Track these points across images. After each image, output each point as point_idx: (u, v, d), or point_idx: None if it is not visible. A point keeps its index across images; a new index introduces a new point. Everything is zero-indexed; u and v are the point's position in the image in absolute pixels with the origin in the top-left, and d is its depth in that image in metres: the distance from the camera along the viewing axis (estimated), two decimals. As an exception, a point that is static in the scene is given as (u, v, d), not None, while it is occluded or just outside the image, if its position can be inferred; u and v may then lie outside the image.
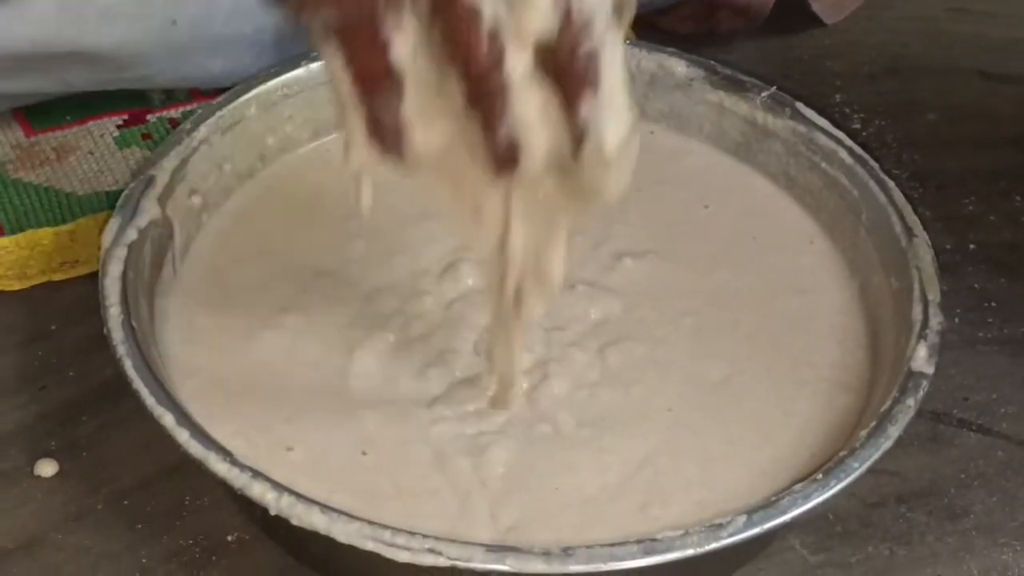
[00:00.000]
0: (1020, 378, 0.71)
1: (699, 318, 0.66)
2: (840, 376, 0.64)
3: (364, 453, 0.60)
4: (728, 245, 0.70)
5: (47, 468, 0.64)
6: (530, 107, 0.50)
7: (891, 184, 0.68)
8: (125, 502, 0.63)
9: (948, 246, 0.77)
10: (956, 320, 0.73)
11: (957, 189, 0.81)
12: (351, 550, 0.53)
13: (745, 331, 0.66)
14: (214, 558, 0.62)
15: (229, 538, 0.62)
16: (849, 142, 0.70)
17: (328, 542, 0.53)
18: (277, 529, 0.58)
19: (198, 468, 0.56)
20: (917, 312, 0.62)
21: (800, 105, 0.72)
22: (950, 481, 0.67)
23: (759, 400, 0.63)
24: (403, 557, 0.53)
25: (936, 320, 0.62)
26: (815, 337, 0.66)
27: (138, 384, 0.58)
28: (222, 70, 0.77)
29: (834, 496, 0.56)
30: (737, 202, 0.72)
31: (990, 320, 0.74)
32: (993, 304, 0.74)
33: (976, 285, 0.75)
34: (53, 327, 0.70)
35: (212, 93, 0.80)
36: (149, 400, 0.57)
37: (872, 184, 0.68)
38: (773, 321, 0.67)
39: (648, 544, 0.54)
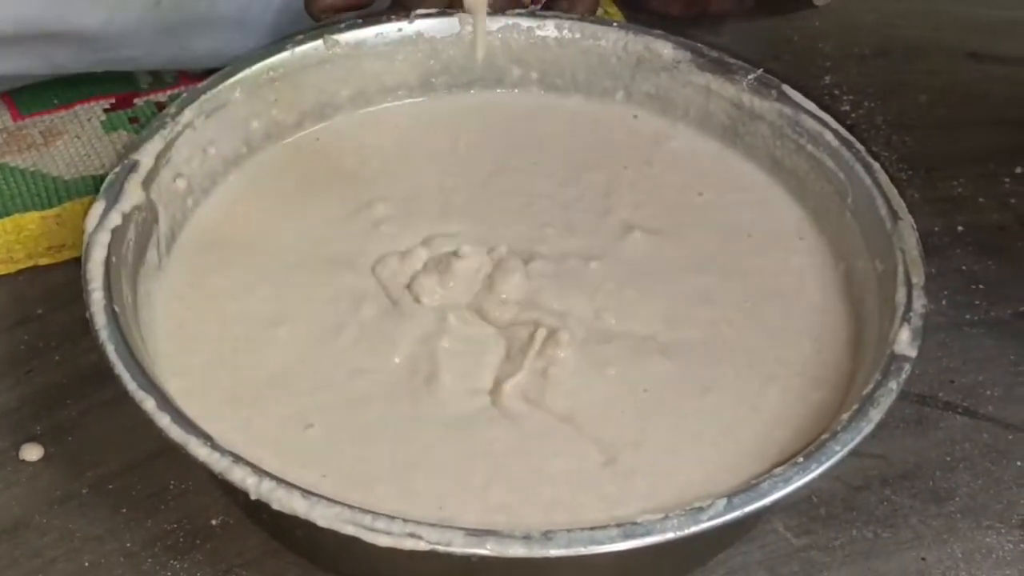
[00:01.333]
0: (1006, 360, 0.71)
1: (666, 307, 0.66)
2: (816, 372, 0.64)
3: (357, 435, 0.61)
4: (720, 239, 0.70)
5: (32, 452, 0.64)
6: None
7: (876, 167, 0.68)
8: (110, 486, 0.64)
9: (936, 228, 0.77)
10: (943, 302, 0.73)
11: (946, 171, 0.81)
12: (332, 534, 0.53)
13: (726, 328, 0.66)
14: (198, 542, 0.62)
15: (213, 522, 0.62)
16: (835, 124, 0.70)
17: (309, 526, 0.54)
18: (260, 513, 0.58)
19: (182, 452, 0.56)
20: (901, 295, 0.62)
21: (786, 87, 0.72)
22: (935, 464, 0.67)
23: (729, 395, 0.63)
24: (384, 541, 0.53)
25: (920, 303, 0.62)
26: (794, 336, 0.65)
27: (120, 369, 0.58)
28: (207, 50, 0.77)
29: (815, 479, 0.56)
30: (729, 193, 0.72)
31: (977, 302, 0.74)
32: (980, 286, 0.74)
33: (964, 267, 0.75)
34: (39, 311, 0.71)
35: (199, 76, 0.80)
36: (131, 385, 0.57)
37: (858, 167, 0.68)
38: (750, 318, 0.66)
39: (628, 528, 0.54)
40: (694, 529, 0.54)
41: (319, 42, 0.73)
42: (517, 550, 0.53)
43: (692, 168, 0.73)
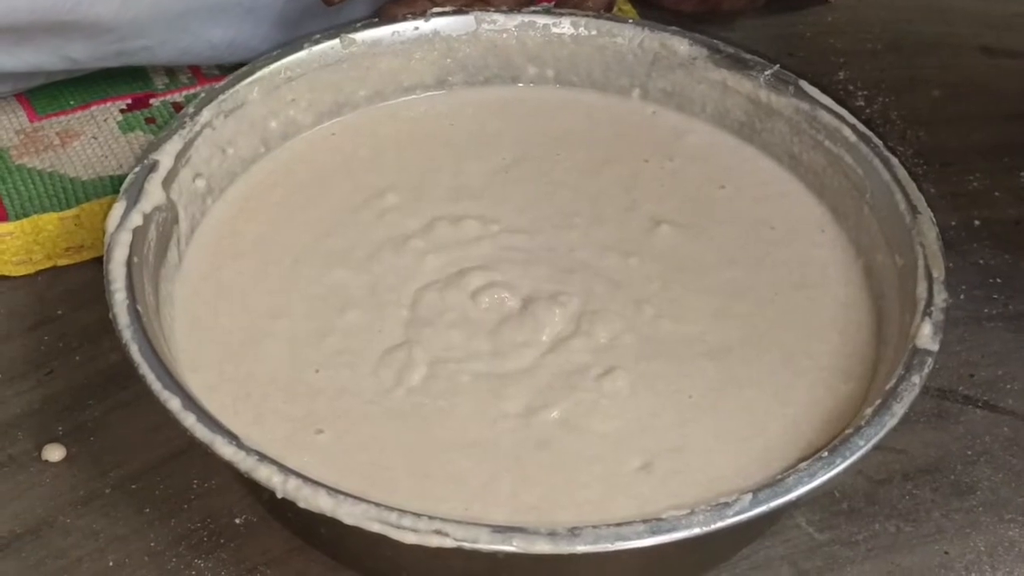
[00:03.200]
0: (1026, 354, 0.71)
1: (709, 303, 0.66)
2: (843, 364, 0.64)
3: (381, 433, 0.60)
4: (743, 231, 0.70)
5: (55, 453, 0.65)
6: None
7: (895, 161, 0.68)
8: (133, 486, 0.64)
9: (953, 223, 0.77)
10: (961, 297, 0.73)
11: (962, 166, 0.81)
12: (358, 532, 0.53)
13: (760, 322, 0.66)
14: (222, 541, 0.62)
15: (237, 521, 0.63)
16: (852, 119, 0.70)
17: (335, 524, 0.54)
18: (285, 512, 0.58)
19: (205, 452, 0.56)
20: (922, 289, 0.62)
21: (803, 83, 0.72)
22: (956, 458, 0.67)
23: (763, 390, 0.63)
24: (410, 539, 0.53)
25: (941, 297, 0.62)
26: (822, 328, 0.65)
27: (144, 368, 0.58)
28: (221, 39, 0.77)
29: (839, 474, 0.56)
30: (750, 186, 0.72)
31: (995, 296, 0.74)
32: (998, 280, 0.74)
33: (981, 261, 0.75)
34: (59, 312, 0.71)
35: (215, 76, 0.80)
36: (155, 384, 0.57)
37: (876, 161, 0.68)
38: (780, 312, 0.66)
39: (654, 524, 0.54)
40: (720, 524, 0.54)
41: (336, 41, 0.73)
42: (543, 546, 0.53)
43: (712, 162, 0.73)
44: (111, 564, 0.61)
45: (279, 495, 0.54)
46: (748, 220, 0.70)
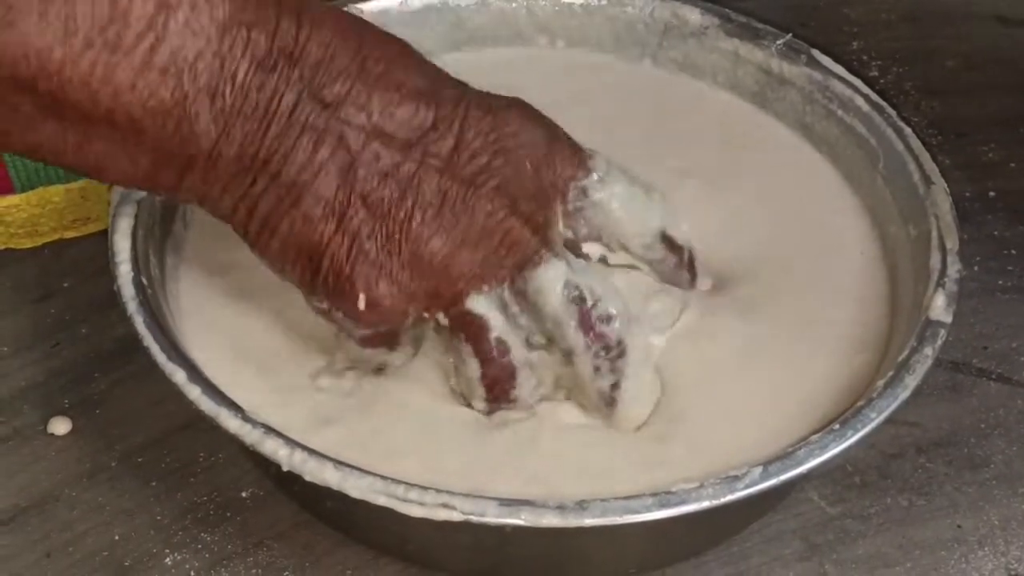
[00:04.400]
0: (1040, 327, 0.71)
1: (733, 265, 0.65)
2: (860, 333, 0.63)
3: (387, 414, 0.60)
4: (764, 193, 0.69)
5: (60, 426, 0.64)
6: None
7: (908, 131, 0.67)
8: (139, 459, 0.64)
9: (967, 194, 0.76)
10: (975, 268, 0.72)
11: (976, 136, 0.80)
12: (365, 505, 0.53)
13: (774, 286, 0.65)
14: (229, 514, 0.62)
15: (244, 494, 0.62)
16: (866, 89, 0.69)
17: (342, 497, 0.53)
18: (291, 485, 0.57)
19: (211, 424, 0.55)
20: (935, 260, 0.61)
21: (816, 52, 0.71)
22: (969, 431, 0.66)
23: (782, 360, 0.62)
24: (416, 512, 0.52)
25: (954, 268, 0.61)
26: (840, 296, 0.65)
27: (149, 341, 0.57)
28: None
29: (851, 447, 0.55)
30: (768, 150, 0.71)
31: (1010, 268, 0.73)
32: (1013, 252, 0.74)
33: (996, 233, 0.75)
34: (65, 284, 0.70)
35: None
36: (160, 357, 0.57)
37: (889, 131, 0.67)
38: (801, 277, 0.65)
39: (663, 497, 0.53)
40: (729, 498, 0.53)
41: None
42: (551, 520, 0.52)
43: (729, 125, 0.72)
44: (117, 537, 0.61)
45: (285, 468, 0.54)
46: (768, 183, 0.69)
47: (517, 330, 0.58)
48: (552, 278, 0.57)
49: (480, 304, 0.57)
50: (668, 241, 0.62)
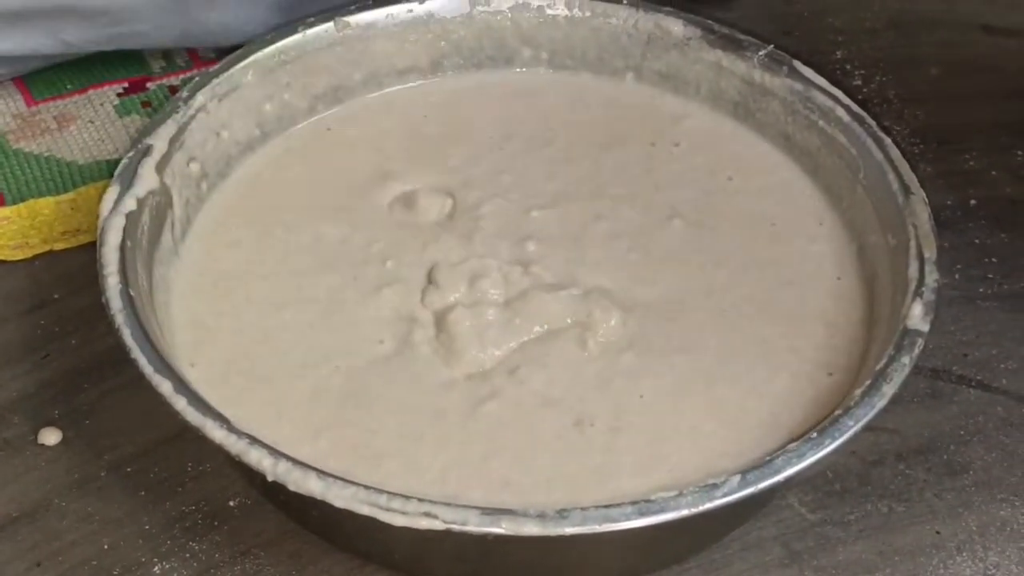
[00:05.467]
0: (1020, 334, 0.71)
1: (701, 301, 0.66)
2: (828, 357, 0.63)
3: (374, 425, 0.61)
4: (746, 229, 0.69)
5: (50, 436, 0.65)
6: None
7: (888, 142, 0.68)
8: (128, 469, 0.64)
9: (949, 202, 0.77)
10: (956, 276, 0.73)
11: (958, 144, 0.81)
12: (348, 514, 0.54)
13: (737, 320, 0.65)
14: (216, 523, 0.62)
15: (231, 503, 0.63)
16: (847, 100, 0.70)
17: (326, 507, 0.54)
18: (277, 495, 0.58)
19: (197, 435, 0.56)
20: (913, 270, 0.62)
21: (797, 63, 0.72)
22: (949, 438, 0.67)
23: (737, 386, 0.62)
24: (399, 521, 0.53)
25: (932, 278, 0.62)
26: (808, 322, 0.65)
27: (136, 352, 0.58)
28: (216, 23, 0.77)
29: (828, 455, 0.56)
30: (754, 175, 0.72)
31: (990, 276, 0.74)
32: (994, 260, 0.74)
33: (977, 240, 0.75)
34: (55, 296, 0.71)
35: (211, 60, 0.80)
36: (147, 368, 0.57)
37: (869, 142, 0.68)
38: (766, 309, 0.66)
39: (643, 505, 0.54)
40: (708, 506, 0.54)
41: (330, 24, 0.73)
42: (532, 528, 0.53)
43: (715, 148, 0.73)
44: (106, 547, 0.61)
45: (269, 478, 0.54)
46: (752, 215, 0.70)
47: None
48: None
49: None
50: None
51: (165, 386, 0.57)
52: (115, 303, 0.60)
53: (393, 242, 0.68)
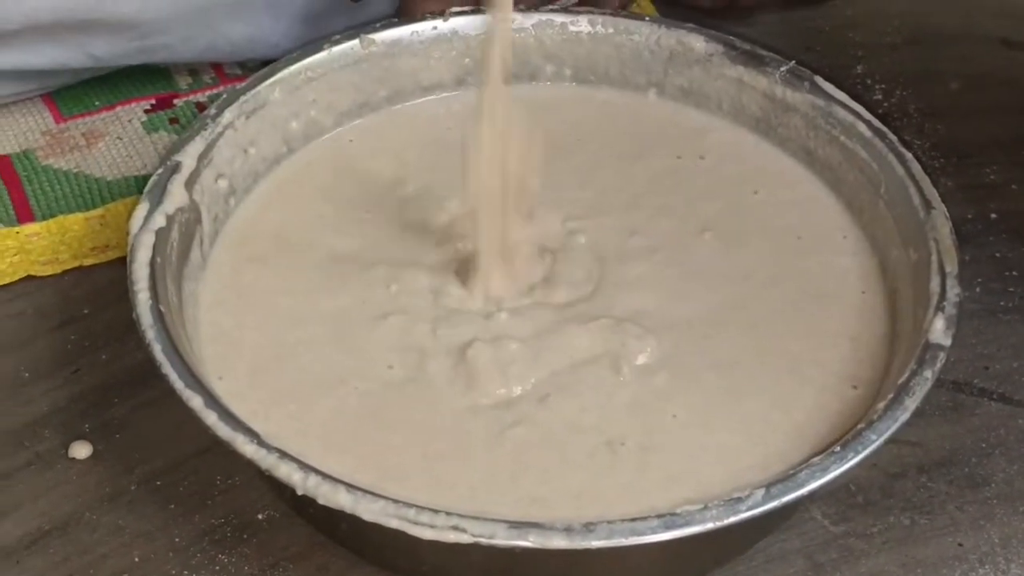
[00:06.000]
0: (1041, 347, 0.72)
1: (727, 315, 0.67)
2: (853, 371, 0.64)
3: (397, 444, 0.61)
4: (773, 242, 0.70)
5: (81, 450, 0.66)
6: None
7: (909, 157, 0.68)
8: (158, 483, 0.65)
9: (969, 215, 0.77)
10: (977, 289, 0.73)
11: (979, 158, 0.81)
12: (377, 528, 0.54)
13: (763, 334, 0.66)
14: (245, 536, 0.63)
15: (260, 516, 0.64)
16: (868, 115, 0.70)
17: (354, 520, 0.54)
18: (306, 508, 0.59)
19: (227, 449, 0.57)
20: (935, 284, 0.62)
21: (818, 79, 0.72)
22: (971, 450, 0.67)
23: (761, 397, 0.63)
24: (427, 535, 0.54)
25: (953, 292, 0.62)
26: (833, 336, 0.65)
27: (167, 367, 0.59)
28: (241, 36, 0.78)
29: (851, 468, 0.56)
30: (779, 189, 0.72)
31: (1011, 289, 0.74)
32: (1014, 273, 0.75)
33: (997, 254, 0.76)
34: (85, 311, 0.72)
35: (237, 77, 0.81)
36: (178, 383, 0.58)
37: (891, 157, 0.68)
38: (793, 323, 0.66)
39: (668, 519, 0.54)
40: (733, 519, 0.55)
41: (355, 42, 0.74)
42: (559, 541, 0.54)
43: (740, 162, 0.74)
44: (136, 560, 0.62)
45: (299, 492, 0.55)
46: (778, 229, 0.70)
47: None
48: None
49: None
50: None
51: (196, 400, 0.57)
52: (145, 319, 0.61)
53: (404, 262, 0.68)
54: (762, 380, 0.64)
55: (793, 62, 0.73)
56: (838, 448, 0.57)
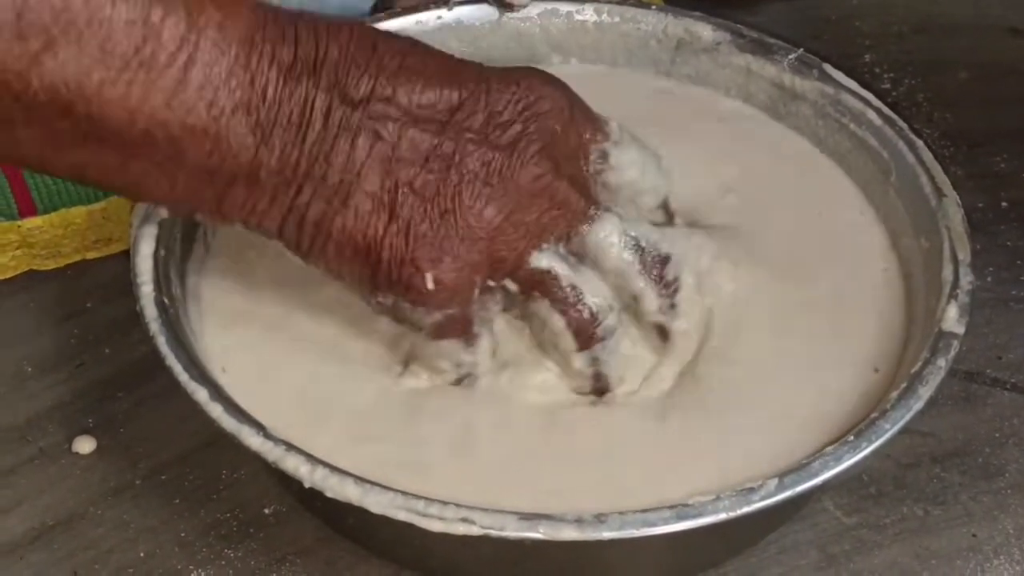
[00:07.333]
0: (1054, 336, 0.71)
1: (757, 282, 0.66)
2: (881, 348, 0.63)
3: (409, 428, 0.60)
4: (792, 209, 0.69)
5: (85, 445, 0.65)
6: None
7: (920, 144, 0.67)
8: (163, 477, 0.64)
9: (980, 204, 0.77)
10: (988, 278, 0.73)
11: (989, 147, 0.81)
12: (385, 520, 0.54)
13: (791, 303, 0.65)
14: (252, 530, 0.62)
15: (266, 511, 0.63)
16: (877, 103, 0.70)
17: (362, 513, 0.54)
18: (313, 501, 0.58)
19: (233, 442, 0.56)
20: (947, 272, 0.62)
21: (827, 66, 0.71)
22: (984, 440, 0.67)
23: (794, 378, 0.62)
24: (436, 527, 0.53)
25: (966, 280, 0.61)
26: (857, 312, 0.65)
27: (171, 360, 0.58)
28: None
29: (865, 458, 0.56)
30: (794, 162, 0.72)
31: (1023, 278, 0.73)
32: (1026, 262, 0.74)
33: (1009, 243, 0.75)
34: (88, 305, 0.71)
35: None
36: (183, 376, 0.57)
37: (901, 144, 0.68)
38: (823, 294, 0.65)
39: (681, 509, 0.54)
40: (746, 510, 0.54)
41: (359, 32, 0.73)
42: (570, 533, 0.53)
43: (750, 137, 0.73)
44: (142, 554, 0.61)
45: (306, 485, 0.54)
46: (796, 197, 0.70)
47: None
48: (609, 232, 0.60)
49: (544, 259, 0.59)
50: (666, 206, 0.65)
51: (201, 393, 0.57)
52: (150, 311, 0.60)
53: None
54: (786, 363, 0.62)
55: (801, 50, 0.72)
56: (851, 438, 0.56)
